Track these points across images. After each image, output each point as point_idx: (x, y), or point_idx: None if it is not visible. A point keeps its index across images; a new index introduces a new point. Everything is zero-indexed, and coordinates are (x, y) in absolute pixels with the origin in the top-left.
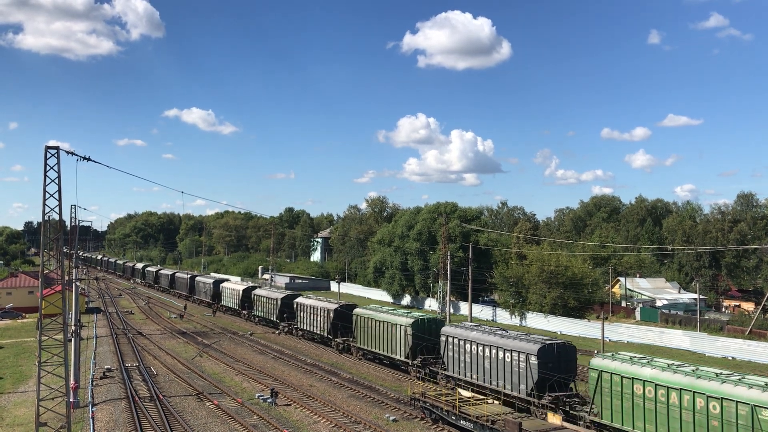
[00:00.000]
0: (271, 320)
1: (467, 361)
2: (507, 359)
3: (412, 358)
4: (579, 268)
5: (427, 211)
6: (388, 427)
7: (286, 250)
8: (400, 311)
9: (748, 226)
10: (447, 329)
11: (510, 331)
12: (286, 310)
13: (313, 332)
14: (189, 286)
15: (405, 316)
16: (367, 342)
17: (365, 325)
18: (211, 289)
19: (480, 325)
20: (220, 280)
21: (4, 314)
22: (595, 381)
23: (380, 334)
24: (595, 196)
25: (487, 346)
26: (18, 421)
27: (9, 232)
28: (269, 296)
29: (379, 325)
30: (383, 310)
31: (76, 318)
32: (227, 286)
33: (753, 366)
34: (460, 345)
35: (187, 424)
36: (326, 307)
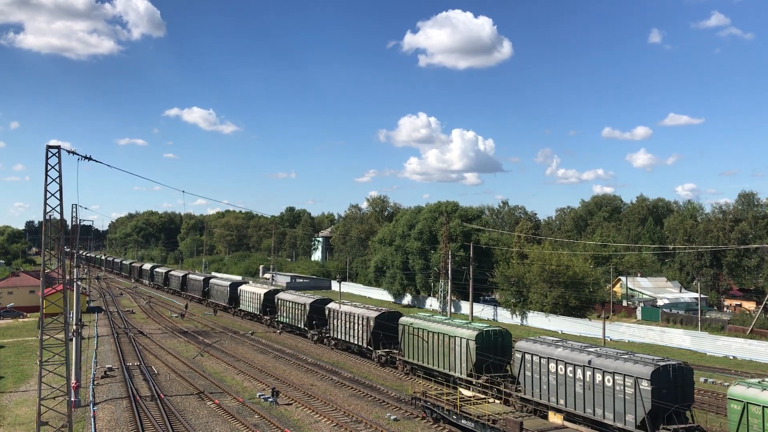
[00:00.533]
0: (297, 327)
1: (551, 384)
2: (607, 383)
3: (476, 375)
4: (580, 267)
5: (428, 211)
6: (389, 426)
7: (287, 250)
8: (457, 321)
9: (750, 226)
10: (524, 345)
11: (605, 348)
12: (315, 317)
13: (349, 342)
14: (203, 288)
15: (466, 327)
16: (417, 355)
17: (414, 335)
18: (227, 292)
19: (563, 340)
20: (238, 282)
21: (5, 313)
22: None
23: (434, 347)
24: (596, 196)
25: (579, 367)
26: (19, 420)
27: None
28: (296, 301)
29: (434, 337)
30: (435, 319)
31: (77, 317)
32: (246, 289)
33: (754, 365)
34: (541, 364)
35: (188, 424)
36: (365, 314)
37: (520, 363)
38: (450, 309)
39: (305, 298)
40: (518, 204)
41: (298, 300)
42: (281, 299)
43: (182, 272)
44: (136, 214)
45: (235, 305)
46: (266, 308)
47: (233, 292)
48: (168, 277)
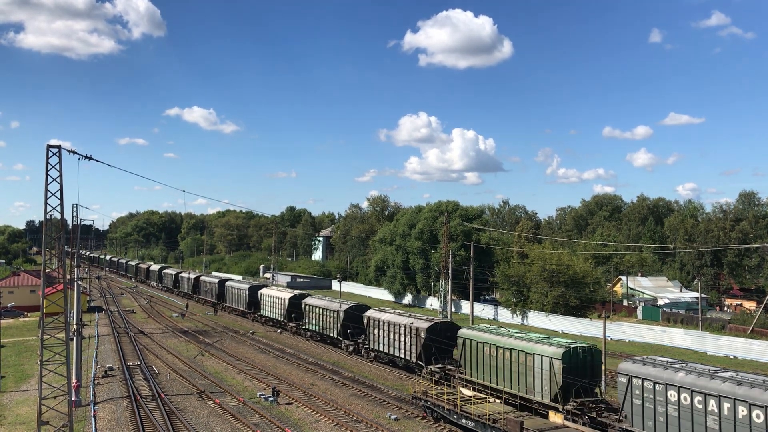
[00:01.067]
0: (328, 336)
1: (673, 417)
2: (756, 419)
3: (562, 401)
4: (580, 266)
5: (428, 210)
6: (390, 425)
7: (287, 249)
8: (533, 335)
9: (750, 225)
10: (631, 367)
11: (746, 374)
12: (350, 325)
13: (394, 355)
14: (217, 292)
15: (548, 343)
16: (482, 374)
17: (479, 351)
18: (246, 296)
19: (683, 362)
20: (257, 285)
21: (6, 313)
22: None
23: (506, 366)
24: (597, 195)
25: (713, 397)
26: (20, 419)
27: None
28: (328, 307)
29: (505, 354)
30: (505, 332)
31: (77, 317)
32: (268, 293)
33: (755, 365)
34: (658, 392)
35: (188, 423)
36: (415, 324)
37: (626, 390)
38: (450, 308)
39: (338, 304)
40: (519, 203)
41: (329, 306)
42: (310, 305)
43: (193, 274)
44: (136, 214)
45: (254, 310)
46: (291, 314)
47: (253, 296)
48: (178, 280)
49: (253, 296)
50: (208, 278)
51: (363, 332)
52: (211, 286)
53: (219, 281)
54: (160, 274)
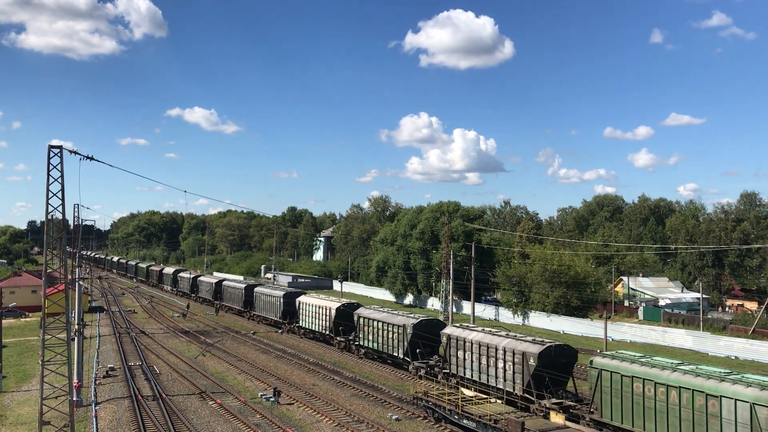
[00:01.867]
0: (390, 354)
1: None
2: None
3: None
4: (582, 267)
5: (429, 211)
6: (391, 426)
7: (288, 250)
8: (710, 368)
9: (752, 226)
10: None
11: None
12: (420, 343)
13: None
14: (243, 298)
15: (739, 381)
16: (633, 419)
17: (628, 388)
18: (280, 304)
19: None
20: (294, 293)
21: (7, 313)
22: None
23: (673, 412)
24: (598, 196)
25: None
26: (21, 419)
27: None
28: (389, 321)
29: (673, 395)
30: (662, 363)
31: (79, 317)
32: (309, 302)
33: (756, 365)
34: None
35: (190, 423)
36: (521, 348)
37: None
38: (452, 309)
39: (403, 318)
40: (520, 204)
41: (392, 320)
42: (365, 317)
43: (213, 278)
44: (137, 214)
45: (290, 320)
46: (339, 327)
47: (288, 305)
48: (197, 284)
49: (290, 305)
50: (233, 283)
51: (354, 329)
52: (236, 292)
53: (246, 287)
54: (174, 278)
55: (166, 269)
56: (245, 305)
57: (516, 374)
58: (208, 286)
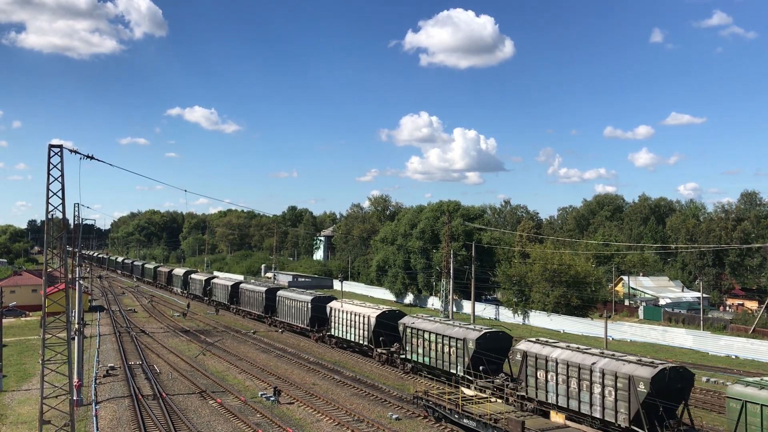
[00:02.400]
0: (445, 371)
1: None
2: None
3: None
4: (582, 266)
5: (429, 210)
6: (391, 425)
7: (288, 249)
8: None
9: (752, 225)
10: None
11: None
12: (483, 357)
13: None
14: (265, 302)
15: None
16: None
17: None
18: (308, 309)
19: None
20: (322, 297)
21: (7, 312)
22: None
23: None
24: (598, 195)
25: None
26: (22, 419)
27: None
28: (446, 334)
29: None
30: None
31: (79, 316)
32: (344, 309)
33: (756, 365)
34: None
35: (190, 422)
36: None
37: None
38: (452, 308)
39: (462, 330)
40: (520, 203)
41: (448, 332)
42: (415, 328)
43: (229, 281)
44: (138, 213)
45: (318, 327)
46: (379, 337)
47: (318, 311)
48: (210, 286)
49: (319, 311)
50: (252, 286)
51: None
52: (255, 295)
53: (268, 290)
54: (185, 280)
55: (176, 270)
56: (266, 310)
57: (619, 402)
58: (223, 288)
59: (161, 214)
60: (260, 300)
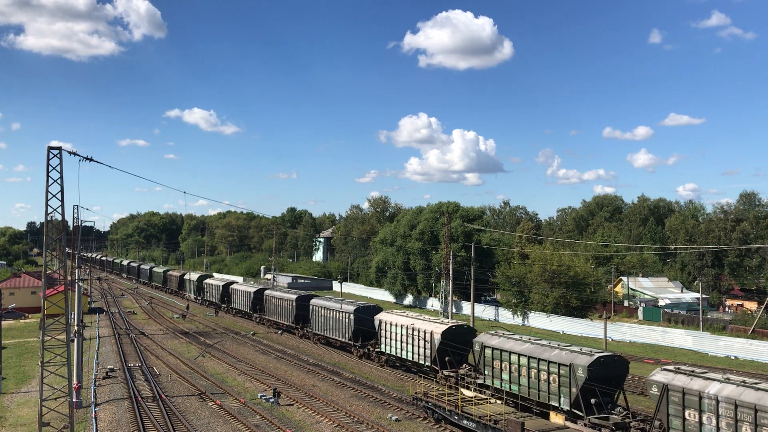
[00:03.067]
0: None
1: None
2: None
3: None
4: (581, 267)
5: (429, 211)
6: (391, 426)
7: (288, 250)
8: None
9: (751, 226)
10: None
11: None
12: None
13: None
14: (295, 312)
15: None
16: None
17: None
18: (350, 322)
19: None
20: (369, 308)
21: (7, 314)
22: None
23: None
24: (598, 196)
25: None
26: (21, 421)
27: (12, 232)
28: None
29: None
30: None
31: (78, 318)
32: (395, 322)
33: (756, 365)
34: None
35: (189, 424)
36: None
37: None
38: (451, 309)
39: (567, 355)
40: (519, 204)
41: (548, 356)
42: (498, 349)
43: (251, 286)
44: (137, 215)
45: (363, 341)
46: (445, 357)
47: (362, 323)
48: (228, 293)
49: (364, 323)
50: (280, 293)
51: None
52: (284, 304)
53: (299, 298)
54: (199, 285)
55: (190, 275)
56: (296, 320)
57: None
58: (244, 295)
59: (160, 215)
60: (290, 309)
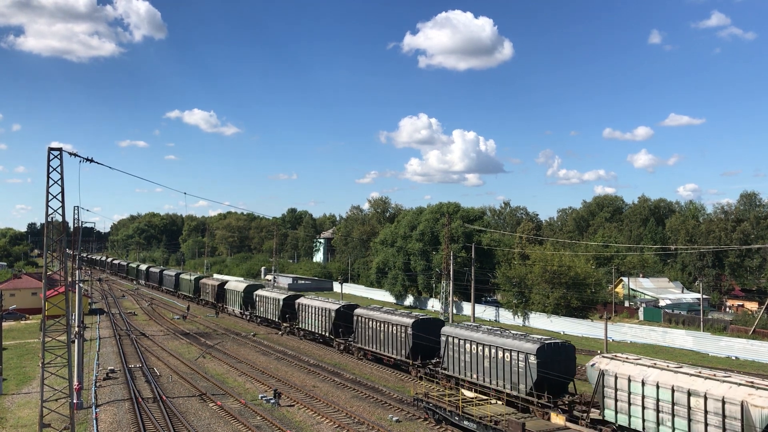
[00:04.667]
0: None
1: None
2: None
3: None
4: (582, 268)
5: (429, 212)
6: (392, 427)
7: (288, 251)
8: None
9: (752, 226)
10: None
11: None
12: (288, 311)
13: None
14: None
15: None
16: None
17: None
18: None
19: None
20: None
21: (7, 315)
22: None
23: None
24: (598, 196)
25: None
26: (21, 422)
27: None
28: (272, 297)
29: None
30: None
31: (79, 319)
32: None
33: (756, 366)
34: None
35: (190, 425)
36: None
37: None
38: (452, 310)
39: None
40: (520, 205)
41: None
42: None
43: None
44: (137, 216)
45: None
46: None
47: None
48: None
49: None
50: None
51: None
52: (322, 312)
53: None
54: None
55: (236, 285)
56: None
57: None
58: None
59: (161, 216)
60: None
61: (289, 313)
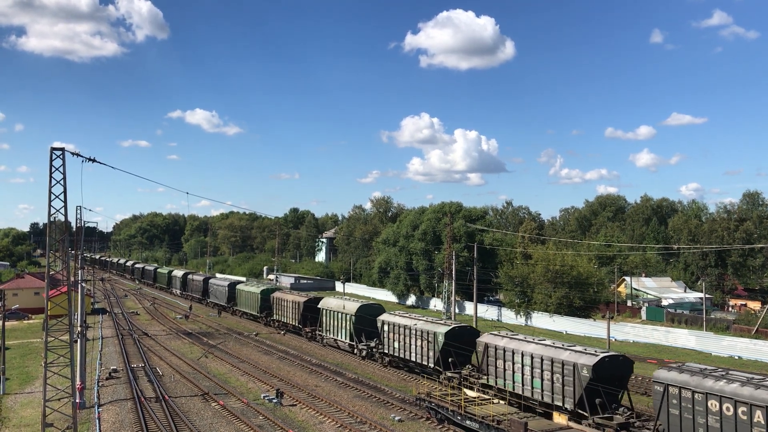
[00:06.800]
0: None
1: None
2: None
3: None
4: (584, 267)
5: (431, 211)
6: (394, 427)
7: (290, 251)
8: None
9: (754, 225)
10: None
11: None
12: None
13: None
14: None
15: None
16: None
17: None
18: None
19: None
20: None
21: (10, 315)
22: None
23: None
24: (600, 196)
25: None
26: (24, 421)
27: (15, 233)
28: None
29: None
30: None
31: (81, 319)
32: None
33: (759, 365)
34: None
35: (192, 425)
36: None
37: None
38: (454, 310)
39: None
40: (522, 204)
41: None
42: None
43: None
44: (140, 216)
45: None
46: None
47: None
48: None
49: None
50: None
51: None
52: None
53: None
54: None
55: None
56: (357, 335)
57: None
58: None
59: (163, 216)
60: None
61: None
